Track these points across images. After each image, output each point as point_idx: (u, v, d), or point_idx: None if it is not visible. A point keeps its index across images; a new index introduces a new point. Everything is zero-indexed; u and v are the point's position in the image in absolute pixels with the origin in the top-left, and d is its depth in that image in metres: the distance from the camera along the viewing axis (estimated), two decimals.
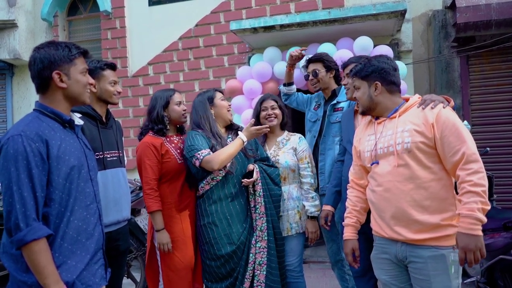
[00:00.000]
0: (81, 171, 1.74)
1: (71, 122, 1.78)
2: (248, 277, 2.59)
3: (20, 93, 6.48)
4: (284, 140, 2.95)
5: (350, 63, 2.66)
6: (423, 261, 1.86)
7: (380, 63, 2.04)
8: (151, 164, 2.59)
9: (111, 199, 2.38)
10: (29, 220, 1.53)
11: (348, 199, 2.27)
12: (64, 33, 6.34)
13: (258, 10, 5.43)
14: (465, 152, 1.77)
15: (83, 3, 6.36)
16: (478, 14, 4.72)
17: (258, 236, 2.63)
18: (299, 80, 4.81)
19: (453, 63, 5.15)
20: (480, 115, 5.14)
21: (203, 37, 5.66)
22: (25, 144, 1.56)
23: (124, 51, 5.95)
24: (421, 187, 1.86)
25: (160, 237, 2.57)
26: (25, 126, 1.61)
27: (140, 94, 5.86)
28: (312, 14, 4.62)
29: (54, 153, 1.63)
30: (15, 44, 6.10)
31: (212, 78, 5.64)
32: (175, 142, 2.73)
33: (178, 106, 2.74)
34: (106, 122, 2.52)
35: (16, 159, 1.55)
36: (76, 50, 1.77)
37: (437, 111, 1.87)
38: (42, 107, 1.72)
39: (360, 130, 2.26)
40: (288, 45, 4.93)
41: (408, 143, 1.88)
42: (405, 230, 1.89)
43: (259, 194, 2.67)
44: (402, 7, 4.31)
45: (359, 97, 2.10)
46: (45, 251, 1.55)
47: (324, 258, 5.00)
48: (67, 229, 1.65)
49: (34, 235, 1.52)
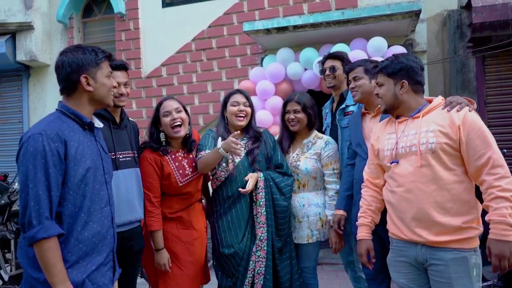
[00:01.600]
0: (97, 174, 1.77)
1: (90, 125, 1.81)
2: (248, 283, 2.56)
3: (36, 94, 6.57)
4: (310, 143, 2.80)
5: (356, 66, 2.63)
6: (445, 264, 1.83)
7: (408, 61, 2.01)
8: (153, 181, 2.52)
9: (123, 199, 2.37)
10: (41, 218, 1.56)
11: (363, 199, 2.24)
12: (79, 35, 6.42)
13: (271, 11, 5.43)
14: (491, 157, 1.74)
15: (98, 5, 6.44)
16: (495, 14, 4.65)
17: (257, 245, 2.59)
18: (312, 81, 4.81)
19: (468, 63, 5.08)
20: (496, 116, 5.06)
21: (216, 38, 5.68)
22: (45, 143, 1.60)
23: (137, 53, 6.00)
24: (444, 189, 1.84)
25: (159, 256, 2.52)
26: (46, 126, 1.65)
27: (153, 95, 5.90)
28: (326, 15, 4.60)
29: (71, 154, 1.66)
30: (31, 46, 6.19)
31: (225, 79, 5.65)
32: (179, 160, 2.60)
33: (166, 117, 2.51)
34: (120, 123, 2.54)
35: (35, 157, 1.58)
36: (102, 54, 1.82)
37: (463, 113, 1.84)
38: (65, 108, 1.76)
39: (378, 128, 2.23)
40: (301, 46, 4.92)
41: (433, 143, 1.85)
42: (426, 232, 1.87)
43: (260, 204, 2.60)
44: (416, 7, 4.27)
45: (383, 94, 2.05)
46: (54, 250, 1.57)
47: (337, 259, 4.97)
48: (83, 231, 1.68)
49: (45, 233, 1.55)
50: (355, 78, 2.59)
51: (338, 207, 2.66)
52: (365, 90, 2.54)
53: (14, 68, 6.54)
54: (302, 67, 4.85)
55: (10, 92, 6.73)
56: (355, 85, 2.58)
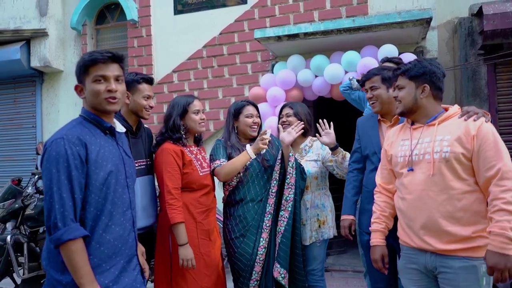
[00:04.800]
0: (118, 177, 1.79)
1: (111, 129, 1.85)
2: (258, 261, 2.62)
3: (49, 99, 6.67)
4: (307, 146, 2.96)
5: (372, 75, 2.56)
6: (454, 272, 1.83)
7: (432, 66, 1.99)
8: (173, 172, 2.47)
9: (139, 206, 2.41)
10: (66, 220, 1.59)
11: (376, 204, 2.23)
12: (92, 42, 6.52)
13: (282, 18, 5.46)
14: (501, 168, 1.73)
15: (111, 12, 6.54)
16: (506, 21, 4.63)
17: (283, 205, 2.69)
18: (322, 87, 4.83)
19: (479, 71, 5.06)
20: (507, 123, 5.02)
21: (227, 45, 5.73)
22: (67, 147, 1.63)
23: (149, 59, 6.07)
24: (455, 198, 1.83)
25: (184, 252, 2.40)
26: (68, 130, 1.70)
27: (164, 101, 5.95)
28: (336, 22, 4.62)
29: (92, 158, 1.69)
30: (45, 52, 6.30)
31: (235, 85, 5.69)
32: (195, 153, 2.65)
33: (196, 114, 2.61)
34: (136, 132, 2.59)
35: (58, 161, 1.62)
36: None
37: (479, 123, 1.84)
38: (86, 113, 1.81)
39: (392, 133, 2.21)
40: (311, 53, 4.95)
41: (447, 152, 1.84)
42: (435, 240, 1.86)
43: (292, 166, 2.70)
44: (427, 15, 4.27)
45: (403, 97, 2.02)
46: (81, 251, 1.60)
47: (346, 266, 4.97)
48: (105, 234, 1.71)
49: (70, 235, 1.58)
50: (372, 88, 2.53)
51: (347, 212, 2.65)
52: (383, 100, 2.48)
53: (28, 74, 6.64)
54: (313, 74, 4.88)
55: (24, 98, 6.83)
56: (373, 95, 2.52)
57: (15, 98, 6.90)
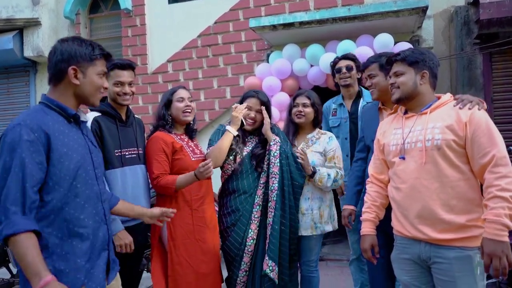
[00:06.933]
0: (86, 168, 1.69)
1: (76, 117, 1.72)
2: (247, 251, 2.65)
3: (43, 89, 6.59)
4: (314, 138, 2.90)
5: (370, 63, 2.57)
6: (448, 262, 1.83)
7: (429, 54, 2.01)
8: (160, 159, 2.50)
9: (129, 196, 2.40)
10: (8, 213, 1.46)
11: (367, 194, 2.23)
12: (85, 31, 6.45)
13: (277, 7, 5.42)
14: (495, 155, 1.73)
15: (104, 1, 6.45)
16: (502, 10, 4.61)
17: (269, 196, 2.68)
18: (318, 77, 4.81)
19: (475, 60, 5.05)
20: (503, 113, 5.03)
21: (222, 35, 5.68)
22: (22, 133, 1.51)
23: (144, 49, 6.02)
24: (448, 186, 1.83)
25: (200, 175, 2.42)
26: (26, 116, 1.57)
27: (159, 91, 5.91)
28: (332, 11, 4.59)
29: (56, 147, 1.57)
30: (38, 41, 6.23)
31: (230, 75, 5.66)
32: (186, 141, 2.68)
33: (180, 102, 2.63)
34: (126, 120, 2.57)
35: (12, 149, 1.50)
36: (99, 51, 1.73)
37: (471, 111, 1.83)
38: (48, 100, 1.68)
39: (385, 123, 2.22)
40: (307, 42, 4.91)
41: (439, 140, 1.84)
42: (430, 229, 1.86)
43: (274, 155, 2.70)
44: (423, 4, 4.25)
45: (403, 83, 2.00)
46: (25, 245, 1.45)
47: (342, 256, 4.99)
48: (67, 223, 1.60)
49: (9, 229, 1.44)
50: (370, 76, 2.54)
51: (348, 202, 2.68)
52: (381, 87, 2.48)
53: (22, 63, 6.58)
54: (308, 63, 4.85)
55: (18, 88, 6.77)
56: (371, 83, 2.53)
57: (8, 88, 6.83)
